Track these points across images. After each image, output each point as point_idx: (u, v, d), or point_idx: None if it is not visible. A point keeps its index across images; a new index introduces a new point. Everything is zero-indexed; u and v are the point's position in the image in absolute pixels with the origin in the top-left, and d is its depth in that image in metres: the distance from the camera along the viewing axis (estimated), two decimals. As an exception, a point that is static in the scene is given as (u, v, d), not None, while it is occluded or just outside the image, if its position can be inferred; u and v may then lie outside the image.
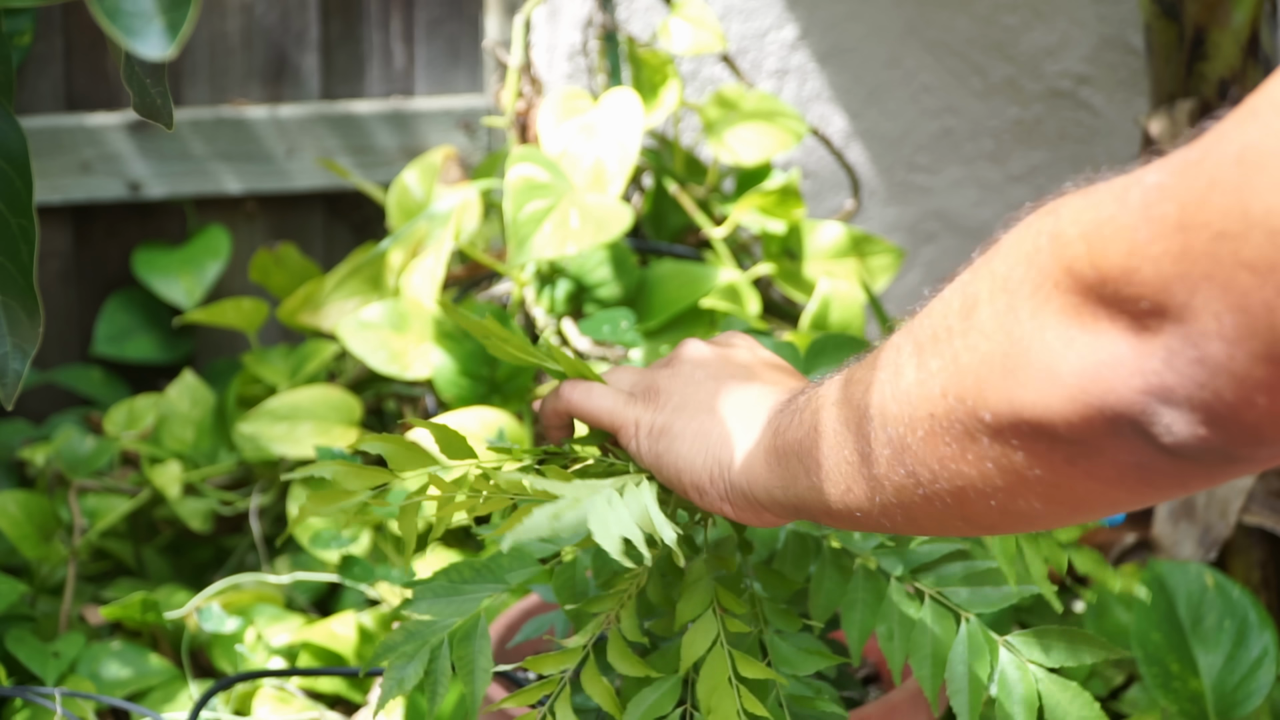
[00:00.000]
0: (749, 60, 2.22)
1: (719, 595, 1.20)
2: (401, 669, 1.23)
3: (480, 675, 1.24)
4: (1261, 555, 1.87)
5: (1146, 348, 0.73)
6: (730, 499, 1.07)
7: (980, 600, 1.23)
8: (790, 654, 1.22)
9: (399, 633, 1.25)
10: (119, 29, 0.84)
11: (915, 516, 0.90)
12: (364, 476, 1.15)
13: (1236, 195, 0.68)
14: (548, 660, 1.17)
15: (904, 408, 0.87)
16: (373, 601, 1.83)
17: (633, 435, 1.13)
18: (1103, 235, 0.74)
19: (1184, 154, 0.71)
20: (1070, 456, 0.79)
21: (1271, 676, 1.61)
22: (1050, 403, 0.77)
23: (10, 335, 1.18)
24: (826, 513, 0.98)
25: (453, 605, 1.25)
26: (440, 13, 2.30)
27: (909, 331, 0.88)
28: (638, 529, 1.02)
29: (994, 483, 0.83)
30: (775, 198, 1.96)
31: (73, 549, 1.86)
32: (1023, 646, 1.20)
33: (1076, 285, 0.75)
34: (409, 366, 1.90)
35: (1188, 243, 0.70)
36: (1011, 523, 0.86)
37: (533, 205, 1.81)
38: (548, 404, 1.19)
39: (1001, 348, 0.79)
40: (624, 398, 1.15)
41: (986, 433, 0.81)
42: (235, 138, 2.26)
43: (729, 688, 1.15)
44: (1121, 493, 0.80)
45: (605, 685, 1.17)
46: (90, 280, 2.31)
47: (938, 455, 0.85)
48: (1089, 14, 2.30)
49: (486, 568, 1.27)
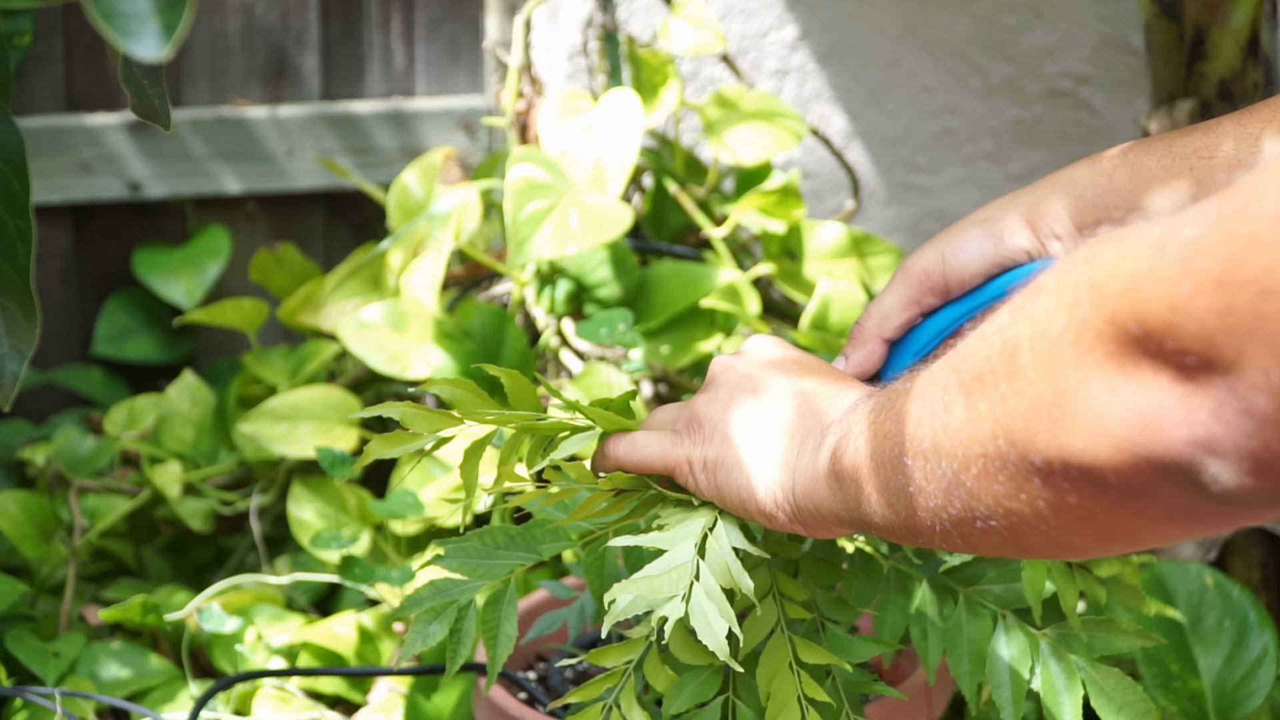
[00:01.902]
0: (749, 60, 2.22)
1: (779, 581, 1.20)
2: (427, 624, 1.23)
3: (504, 641, 1.24)
4: (1261, 555, 1.87)
5: (1193, 399, 0.74)
6: (800, 519, 1.07)
7: (1013, 597, 1.24)
8: (845, 641, 1.23)
9: (427, 588, 1.24)
10: (115, 30, 0.84)
11: (975, 544, 0.92)
12: (431, 420, 1.15)
13: (1279, 254, 0.69)
14: (611, 651, 1.17)
15: (957, 446, 0.88)
16: (373, 601, 1.83)
17: (688, 474, 1.14)
18: (1143, 289, 0.74)
19: (1221, 205, 0.72)
20: (1120, 500, 0.80)
21: (1271, 676, 1.61)
22: (1098, 451, 0.78)
23: (8, 336, 1.18)
24: (891, 534, 1.00)
25: (484, 568, 1.24)
26: (440, 13, 2.30)
27: (951, 368, 0.90)
28: (728, 612, 1.05)
29: (1047, 520, 0.85)
30: (775, 198, 1.96)
31: (73, 549, 1.86)
32: (1061, 639, 1.21)
33: (1119, 336, 0.76)
34: (409, 366, 1.90)
35: (1231, 300, 0.70)
36: (1067, 553, 0.88)
37: (533, 205, 1.81)
38: (597, 465, 1.19)
39: (1047, 395, 0.80)
40: (670, 438, 1.15)
41: (1037, 475, 0.83)
42: (235, 138, 2.26)
43: (789, 673, 1.16)
44: (1173, 530, 0.82)
45: (668, 673, 1.17)
46: (90, 280, 2.31)
47: (992, 493, 0.87)
48: (1089, 14, 2.30)
49: (521, 536, 1.26)
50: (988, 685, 1.23)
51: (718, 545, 1.10)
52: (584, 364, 1.93)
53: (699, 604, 1.05)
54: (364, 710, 1.69)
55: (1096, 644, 1.21)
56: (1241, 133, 1.16)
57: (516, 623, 1.24)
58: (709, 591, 1.06)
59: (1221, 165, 1.15)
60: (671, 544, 1.10)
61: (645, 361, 1.91)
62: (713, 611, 1.05)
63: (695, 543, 1.09)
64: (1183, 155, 1.17)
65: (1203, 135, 1.17)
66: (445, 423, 1.16)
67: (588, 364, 1.91)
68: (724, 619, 1.05)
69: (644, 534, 1.13)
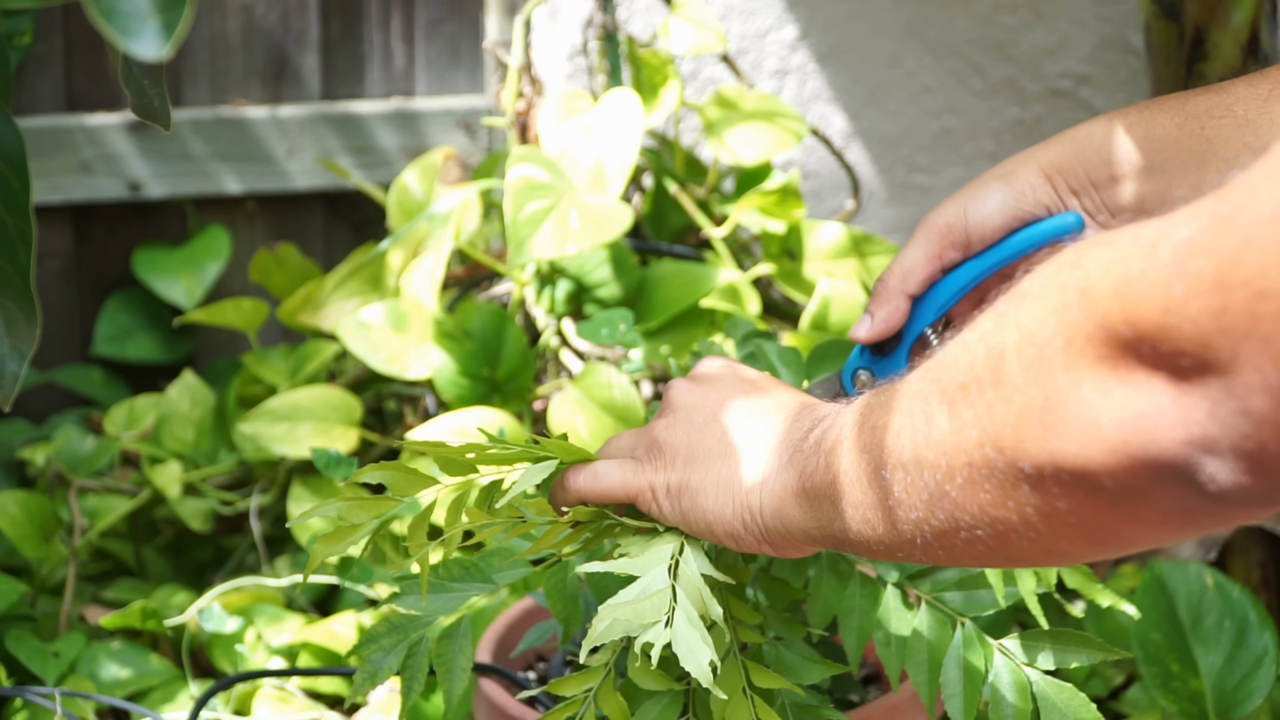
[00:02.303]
0: (749, 60, 2.22)
1: (730, 605, 1.20)
2: (378, 660, 1.24)
3: (458, 675, 1.25)
4: (1261, 555, 1.87)
5: (1188, 400, 0.74)
6: (769, 540, 1.07)
7: (975, 604, 1.24)
8: (795, 663, 1.22)
9: (382, 624, 1.25)
10: (115, 29, 0.84)
11: (958, 555, 0.92)
12: (368, 508, 1.15)
13: (1275, 255, 0.69)
14: (570, 681, 1.17)
15: (940, 456, 0.88)
16: (373, 601, 1.83)
17: (651, 500, 1.13)
18: (1135, 291, 0.74)
19: (1213, 206, 0.72)
20: (1113, 503, 0.80)
21: (1271, 676, 1.61)
22: (1092, 454, 0.78)
23: (8, 336, 1.18)
24: (866, 549, 0.99)
25: (438, 602, 1.25)
26: (440, 13, 2.30)
27: (931, 379, 0.89)
28: (708, 639, 1.05)
29: (1036, 527, 0.84)
30: (775, 198, 1.96)
31: (73, 549, 1.86)
32: (1017, 650, 1.21)
33: (1111, 339, 0.76)
34: (409, 367, 1.90)
35: (1226, 301, 0.70)
36: (1054, 560, 0.88)
37: (533, 205, 1.81)
38: (558, 498, 1.18)
39: (1037, 401, 0.80)
40: (630, 465, 1.14)
41: (1027, 481, 0.83)
42: (235, 138, 2.26)
43: (743, 698, 1.15)
44: (1165, 532, 0.82)
45: (619, 702, 1.17)
46: (90, 280, 2.31)
47: (977, 502, 0.86)
48: (1089, 14, 2.30)
49: (475, 566, 1.27)
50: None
51: (689, 570, 1.09)
52: (584, 364, 1.93)
53: (681, 630, 1.05)
54: (364, 710, 1.69)
55: (1049, 656, 1.20)
56: (1251, 94, 1.16)
57: (473, 655, 1.26)
58: (689, 618, 1.06)
59: (1231, 125, 1.16)
60: (642, 570, 1.09)
61: (645, 361, 1.91)
62: (695, 639, 1.05)
63: (669, 568, 1.09)
64: (1195, 114, 1.17)
65: (1215, 95, 1.17)
66: (382, 508, 1.16)
67: (588, 364, 1.91)
68: (706, 645, 1.05)
69: (609, 559, 1.13)
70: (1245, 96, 1.16)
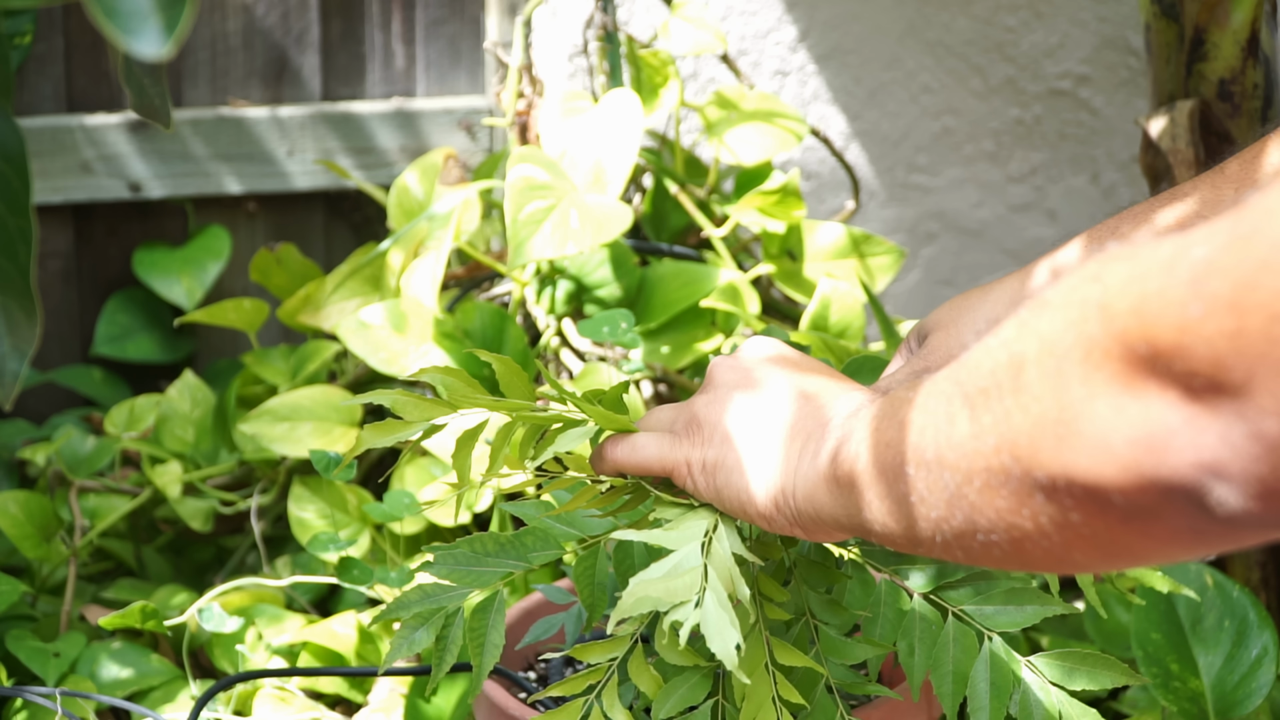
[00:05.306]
0: (749, 60, 2.22)
1: (760, 582, 1.20)
2: (413, 629, 1.23)
3: (490, 650, 1.24)
4: (1261, 555, 1.87)
5: (1200, 422, 0.73)
6: (800, 523, 1.07)
7: (1003, 618, 1.24)
8: (839, 643, 1.22)
9: (415, 592, 1.24)
10: (116, 28, 0.84)
11: (975, 557, 0.92)
12: (423, 408, 1.15)
13: None
14: (595, 648, 1.17)
15: (960, 459, 0.88)
16: (374, 601, 1.83)
17: (686, 475, 1.13)
18: (1152, 309, 0.74)
19: (1232, 226, 0.72)
20: (1125, 518, 0.80)
21: (1271, 676, 1.61)
22: (1103, 470, 0.78)
23: (8, 336, 1.18)
24: (891, 542, 0.99)
25: (472, 575, 1.24)
26: (441, 13, 2.30)
27: (956, 380, 0.89)
28: (736, 620, 1.05)
29: (1050, 537, 0.84)
30: (775, 198, 1.96)
31: (73, 549, 1.86)
32: (1045, 668, 1.21)
33: (1127, 355, 0.76)
34: (409, 367, 1.90)
35: (1242, 324, 0.70)
36: (1069, 569, 0.88)
37: (533, 205, 1.81)
38: (595, 467, 1.19)
39: (1052, 412, 0.80)
40: (668, 440, 1.15)
41: (1041, 491, 0.83)
42: (236, 138, 2.26)
43: (765, 674, 1.15)
44: (1177, 549, 0.81)
45: (653, 674, 1.17)
46: (91, 280, 2.31)
47: (994, 507, 0.86)
48: (1089, 14, 2.30)
49: (511, 544, 1.26)
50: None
51: (720, 549, 1.09)
52: (584, 364, 1.93)
53: (710, 611, 1.05)
54: (364, 710, 1.69)
55: (1078, 677, 1.21)
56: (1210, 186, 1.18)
57: (504, 631, 1.24)
58: (719, 599, 1.06)
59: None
60: (676, 544, 1.09)
61: (645, 361, 1.91)
62: (724, 620, 1.04)
63: (701, 545, 1.09)
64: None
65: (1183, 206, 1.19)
66: (437, 410, 1.16)
67: (588, 364, 1.91)
68: (734, 627, 1.05)
69: (643, 528, 1.13)
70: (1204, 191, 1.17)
